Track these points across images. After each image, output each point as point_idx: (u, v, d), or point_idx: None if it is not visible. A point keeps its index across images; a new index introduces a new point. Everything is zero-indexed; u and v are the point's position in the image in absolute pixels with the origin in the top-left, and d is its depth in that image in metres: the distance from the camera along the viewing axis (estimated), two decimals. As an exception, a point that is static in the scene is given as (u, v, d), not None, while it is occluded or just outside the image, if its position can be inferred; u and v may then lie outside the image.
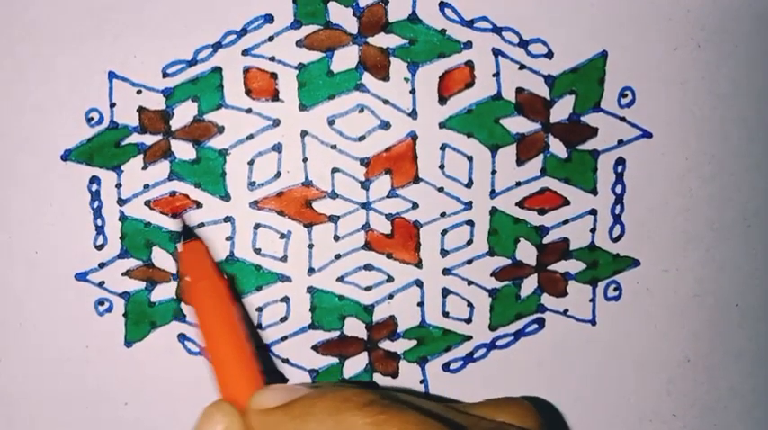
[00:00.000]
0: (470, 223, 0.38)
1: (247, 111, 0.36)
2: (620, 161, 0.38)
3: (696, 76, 0.37)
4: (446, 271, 0.38)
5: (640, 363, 0.39)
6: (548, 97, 0.37)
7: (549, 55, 0.37)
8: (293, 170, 0.37)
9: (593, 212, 0.38)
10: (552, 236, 0.38)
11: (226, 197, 0.37)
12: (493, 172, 0.37)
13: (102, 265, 0.37)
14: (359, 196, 0.37)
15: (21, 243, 0.37)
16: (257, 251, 0.37)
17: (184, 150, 0.37)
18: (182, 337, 0.38)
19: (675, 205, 0.38)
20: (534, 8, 0.37)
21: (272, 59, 0.36)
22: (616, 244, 0.38)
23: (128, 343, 0.38)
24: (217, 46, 0.36)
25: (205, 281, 0.33)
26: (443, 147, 0.37)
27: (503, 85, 0.37)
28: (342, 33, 0.36)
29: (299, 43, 0.36)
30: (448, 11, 0.36)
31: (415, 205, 0.37)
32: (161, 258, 0.37)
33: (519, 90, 0.37)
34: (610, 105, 0.37)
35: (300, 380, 0.37)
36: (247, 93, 0.36)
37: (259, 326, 0.38)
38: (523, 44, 0.37)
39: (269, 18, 0.36)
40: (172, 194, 0.37)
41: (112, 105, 0.36)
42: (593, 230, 0.38)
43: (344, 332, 0.38)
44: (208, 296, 0.32)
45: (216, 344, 0.31)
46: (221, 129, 0.37)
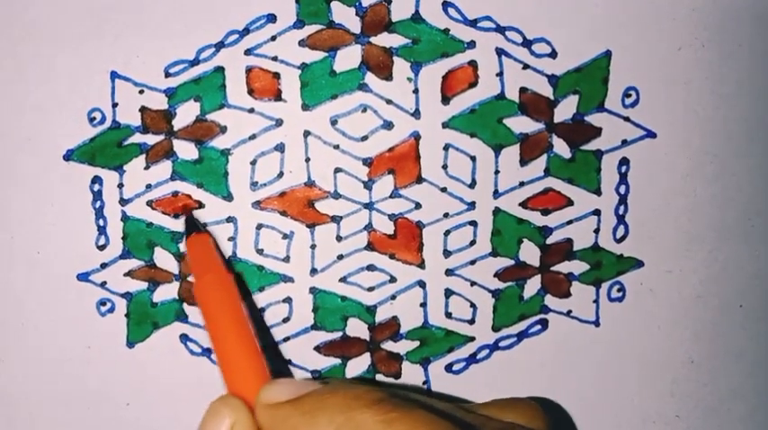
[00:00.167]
0: (473, 224, 0.38)
1: (250, 110, 0.36)
2: (623, 161, 0.38)
3: (700, 76, 0.37)
4: (449, 271, 0.38)
5: (644, 364, 0.39)
6: (551, 97, 0.37)
7: (553, 54, 0.37)
8: (296, 170, 0.37)
9: (596, 213, 0.38)
10: (556, 236, 0.38)
11: (228, 197, 0.37)
12: (496, 172, 0.37)
13: (104, 266, 0.37)
14: (362, 196, 0.37)
15: (22, 243, 0.37)
16: (260, 251, 0.37)
17: (187, 150, 0.37)
18: (184, 338, 0.38)
19: (679, 205, 0.38)
20: (538, 8, 0.36)
21: (275, 59, 0.36)
22: (620, 244, 0.38)
23: (130, 343, 0.38)
24: (219, 45, 0.36)
25: (212, 274, 0.32)
26: (446, 147, 0.37)
27: (506, 85, 0.37)
28: (345, 33, 0.36)
29: (302, 43, 0.36)
30: (451, 10, 0.36)
31: (418, 205, 0.37)
32: (163, 259, 0.37)
33: (522, 90, 0.37)
34: (614, 105, 0.37)
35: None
36: (250, 92, 0.36)
37: (262, 326, 0.38)
38: (527, 44, 0.37)
39: (271, 18, 0.36)
40: (174, 194, 0.37)
41: (115, 105, 0.36)
42: (596, 231, 0.38)
43: (347, 333, 0.38)
44: (214, 289, 0.32)
45: (222, 337, 0.30)
46: (224, 129, 0.36)
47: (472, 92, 0.37)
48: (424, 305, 0.38)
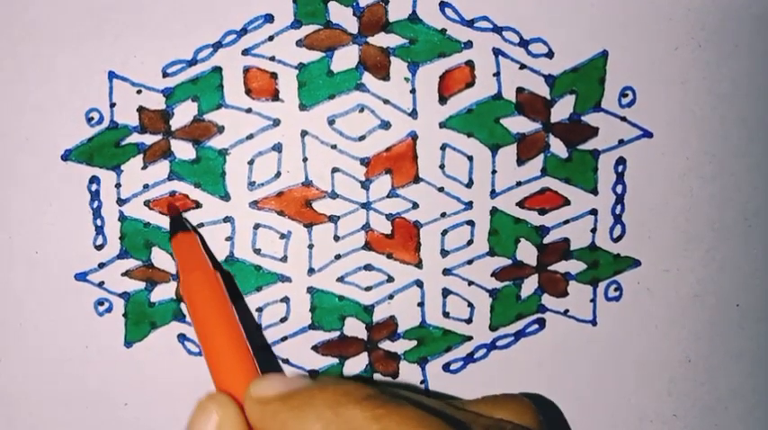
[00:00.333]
0: (471, 223, 0.38)
1: (247, 110, 0.36)
2: (620, 161, 0.38)
3: (697, 76, 0.37)
4: (446, 271, 0.38)
5: (641, 364, 0.39)
6: (548, 97, 0.37)
7: (550, 54, 0.37)
8: (293, 170, 0.37)
9: (593, 212, 0.38)
10: (553, 236, 0.38)
11: (225, 197, 0.37)
12: (493, 172, 0.37)
13: (101, 265, 0.37)
14: (359, 196, 0.37)
15: (20, 243, 0.37)
16: (257, 251, 0.37)
17: (184, 150, 0.37)
18: (182, 338, 0.38)
19: (676, 205, 0.38)
20: (535, 8, 0.36)
21: (273, 59, 0.36)
22: (617, 244, 0.38)
23: (127, 343, 0.38)
24: (217, 46, 0.36)
25: (197, 271, 0.32)
26: (444, 146, 0.37)
27: (503, 85, 0.37)
28: (342, 33, 0.36)
29: (299, 43, 0.36)
30: (448, 10, 0.36)
31: (416, 205, 0.37)
32: (161, 258, 0.37)
33: (519, 90, 0.37)
34: (610, 105, 0.37)
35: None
36: (247, 92, 0.36)
37: (259, 326, 0.38)
38: (524, 44, 0.37)
39: (269, 18, 0.36)
40: (171, 194, 0.37)
41: (112, 105, 0.36)
42: (593, 230, 0.38)
43: (344, 332, 0.38)
44: (200, 286, 0.32)
45: (210, 334, 0.30)
46: (221, 128, 0.36)
47: (469, 92, 0.37)
48: (422, 304, 0.38)
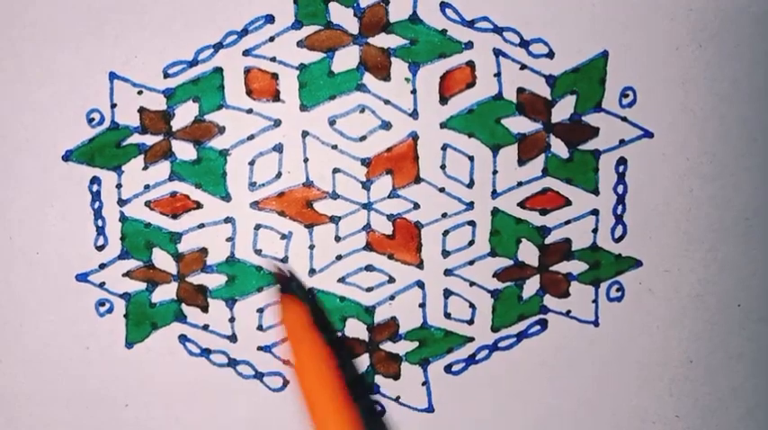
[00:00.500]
0: (472, 224, 0.38)
1: (248, 111, 0.36)
2: (621, 161, 0.38)
3: (697, 76, 0.37)
4: (448, 272, 0.38)
5: (643, 364, 0.39)
6: (549, 97, 0.37)
7: (551, 55, 0.37)
8: (294, 170, 0.37)
9: (594, 213, 0.38)
10: (554, 236, 0.38)
11: (226, 198, 0.37)
12: (494, 172, 0.37)
13: (102, 266, 0.37)
14: (360, 197, 0.37)
15: (21, 243, 0.37)
16: (258, 252, 0.37)
17: (185, 151, 0.37)
18: (182, 338, 0.38)
19: (677, 205, 0.38)
20: (535, 8, 0.37)
21: (273, 60, 0.36)
22: (618, 244, 0.38)
23: (128, 344, 0.38)
24: (218, 46, 0.36)
25: (307, 344, 0.34)
26: (444, 147, 0.37)
27: (504, 85, 0.37)
28: (342, 34, 0.36)
29: (300, 44, 0.36)
30: (449, 11, 0.36)
31: (417, 206, 0.37)
32: (161, 259, 0.37)
33: (520, 90, 0.37)
34: (611, 105, 0.37)
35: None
36: (248, 93, 0.36)
37: (260, 327, 0.38)
38: (524, 44, 0.37)
39: (270, 18, 0.36)
40: (172, 195, 0.37)
41: (113, 106, 0.36)
42: (594, 231, 0.38)
43: (346, 333, 0.38)
44: (311, 360, 0.33)
45: (323, 414, 0.32)
46: (222, 129, 0.37)
47: (470, 92, 0.37)
48: (423, 305, 0.38)
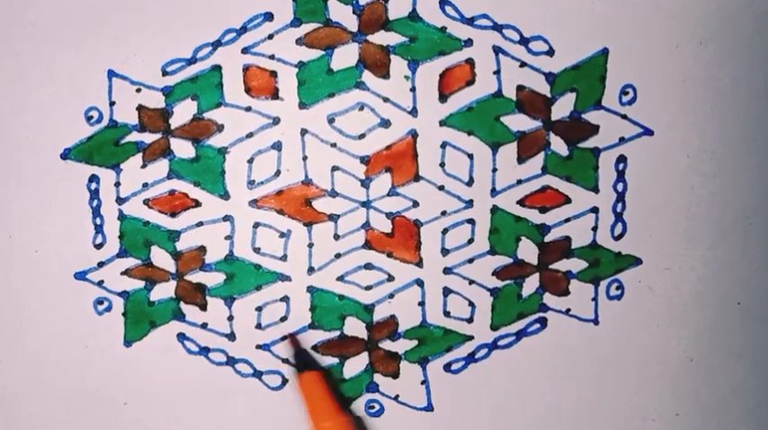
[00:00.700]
0: (471, 222, 0.38)
1: (247, 109, 0.36)
2: (621, 159, 0.38)
3: (697, 74, 0.37)
4: (447, 270, 0.38)
5: (643, 363, 0.38)
6: (548, 95, 0.37)
7: (550, 52, 0.37)
8: (293, 168, 0.37)
9: (594, 210, 0.38)
10: (554, 234, 0.38)
11: (225, 196, 0.37)
12: (494, 170, 0.37)
13: (101, 264, 0.37)
14: (359, 194, 0.37)
15: (20, 242, 0.37)
16: (257, 250, 0.37)
17: (184, 149, 0.37)
18: (181, 337, 0.38)
19: (677, 203, 0.38)
20: (535, 5, 0.36)
21: (272, 57, 0.36)
22: (618, 242, 0.38)
23: (127, 342, 0.38)
24: (216, 44, 0.36)
25: (332, 422, 0.35)
26: (444, 145, 0.37)
27: (503, 83, 0.37)
28: (342, 31, 0.36)
29: (299, 41, 0.36)
30: (448, 8, 0.36)
31: (416, 203, 0.37)
32: (160, 257, 0.37)
33: (520, 88, 0.37)
34: (611, 103, 0.37)
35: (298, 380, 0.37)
36: (247, 91, 0.36)
37: (259, 325, 0.38)
38: (524, 42, 0.37)
39: (269, 16, 0.36)
40: (171, 193, 0.37)
41: (112, 104, 0.36)
42: (594, 229, 0.38)
43: (345, 332, 0.38)
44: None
45: None
46: (221, 127, 0.36)
47: (469, 90, 0.37)
48: (423, 304, 0.38)
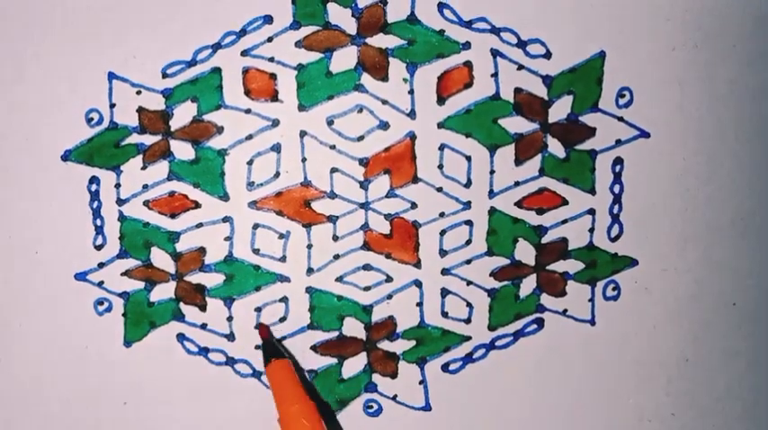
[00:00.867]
0: (469, 223, 0.38)
1: (246, 111, 0.37)
2: (618, 161, 0.38)
3: (694, 77, 0.38)
4: (445, 271, 0.38)
5: (639, 363, 0.39)
6: (546, 97, 0.37)
7: (548, 55, 0.37)
8: (292, 170, 0.37)
9: (591, 212, 0.38)
10: (551, 235, 0.38)
11: (225, 197, 0.37)
12: (491, 172, 0.37)
13: (101, 265, 0.37)
14: (358, 196, 0.37)
15: (20, 243, 0.37)
16: (256, 251, 0.37)
17: (183, 150, 0.37)
18: (180, 337, 0.38)
19: (673, 205, 0.38)
20: (533, 9, 0.37)
21: (272, 60, 0.36)
22: (614, 243, 0.38)
23: (127, 342, 0.38)
24: (216, 47, 0.36)
25: (298, 405, 0.35)
26: (442, 147, 0.37)
27: (501, 86, 0.37)
28: (341, 34, 0.36)
29: (298, 44, 0.36)
30: (446, 11, 0.36)
31: (414, 205, 0.37)
32: (160, 258, 0.37)
33: (517, 90, 0.37)
34: (608, 105, 0.37)
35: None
36: (246, 93, 0.37)
37: (258, 326, 0.38)
38: (522, 45, 0.37)
39: (268, 19, 0.36)
40: (171, 194, 0.37)
41: (112, 106, 0.36)
42: (591, 230, 0.38)
43: (343, 332, 0.38)
44: (299, 422, 0.34)
45: None
46: (220, 129, 0.37)
47: (467, 92, 0.37)
48: (421, 304, 0.38)
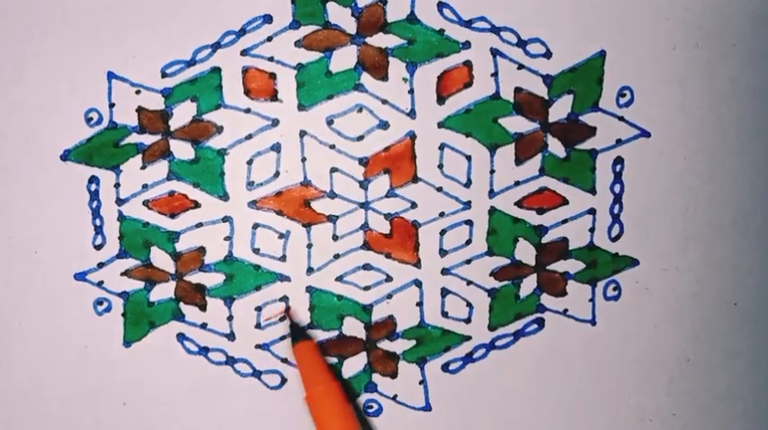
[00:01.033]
0: (469, 223, 0.38)
1: (246, 111, 0.37)
2: (618, 160, 0.38)
3: (694, 76, 0.37)
4: (445, 271, 0.38)
5: (640, 363, 0.39)
6: (546, 97, 0.37)
7: (548, 55, 0.37)
8: (292, 170, 0.37)
9: (591, 212, 0.38)
10: (551, 235, 0.38)
11: (224, 197, 0.37)
12: (492, 171, 0.37)
13: (100, 265, 0.37)
14: (357, 196, 0.37)
15: (20, 243, 0.37)
16: (256, 251, 0.37)
17: (183, 150, 0.37)
18: (180, 337, 0.38)
19: (674, 204, 0.38)
20: (533, 8, 0.37)
21: (271, 59, 0.36)
22: (615, 243, 0.38)
23: (126, 342, 0.38)
24: (216, 46, 0.36)
25: (323, 385, 0.35)
26: (442, 146, 0.37)
27: (501, 85, 0.37)
28: (340, 33, 0.36)
29: (298, 43, 0.36)
30: (446, 11, 0.36)
31: (414, 205, 0.37)
32: (159, 258, 0.37)
33: (517, 90, 0.37)
34: (608, 105, 0.37)
35: (299, 379, 0.37)
36: (246, 93, 0.37)
37: (258, 325, 0.38)
38: (522, 44, 0.37)
39: (268, 18, 0.36)
40: (170, 194, 0.37)
41: (112, 105, 0.36)
42: (591, 230, 0.38)
43: (343, 332, 0.38)
44: (327, 400, 0.35)
45: None
46: (220, 129, 0.37)
47: (467, 92, 0.37)
48: (421, 304, 0.38)
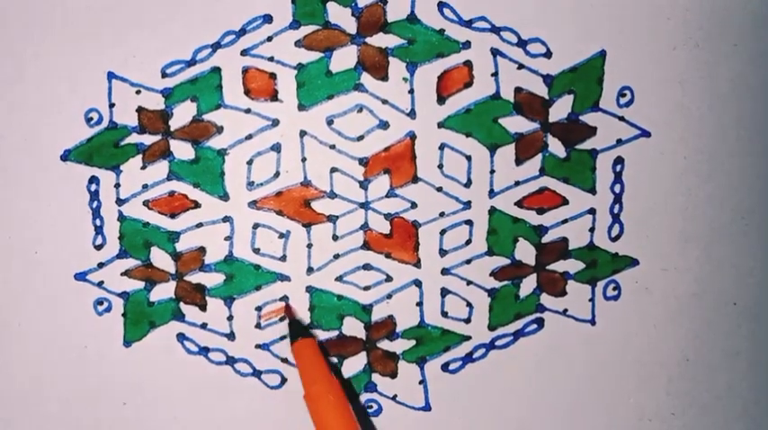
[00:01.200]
0: (469, 223, 0.38)
1: (246, 111, 0.37)
2: (618, 160, 0.38)
3: (695, 76, 0.37)
4: (445, 270, 0.38)
5: (639, 363, 0.39)
6: (546, 97, 0.37)
7: (548, 54, 0.37)
8: (292, 170, 0.37)
9: (591, 212, 0.38)
10: (551, 235, 0.38)
11: (224, 197, 0.37)
12: (492, 171, 0.37)
13: (101, 265, 0.37)
14: (357, 196, 0.37)
15: (20, 243, 0.37)
16: (256, 251, 0.37)
17: (183, 150, 0.37)
18: (180, 337, 0.38)
19: (674, 204, 0.38)
20: (533, 8, 0.37)
21: (271, 59, 0.36)
22: (615, 243, 0.38)
23: (126, 342, 0.38)
24: (216, 46, 0.36)
25: (322, 383, 0.35)
26: (442, 146, 0.37)
27: (501, 85, 0.37)
28: (340, 33, 0.36)
29: (298, 43, 0.36)
30: (446, 11, 0.36)
31: (414, 205, 0.37)
32: (159, 258, 0.37)
33: (518, 89, 0.37)
34: (608, 105, 0.37)
35: (299, 379, 0.37)
36: (246, 93, 0.36)
37: (258, 325, 0.38)
38: (522, 44, 0.37)
39: (268, 18, 0.36)
40: (170, 194, 0.37)
41: (112, 105, 0.36)
42: (591, 230, 0.38)
43: (343, 331, 0.38)
44: (325, 398, 0.35)
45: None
46: (220, 129, 0.37)
47: (467, 92, 0.37)
48: (420, 304, 0.38)
